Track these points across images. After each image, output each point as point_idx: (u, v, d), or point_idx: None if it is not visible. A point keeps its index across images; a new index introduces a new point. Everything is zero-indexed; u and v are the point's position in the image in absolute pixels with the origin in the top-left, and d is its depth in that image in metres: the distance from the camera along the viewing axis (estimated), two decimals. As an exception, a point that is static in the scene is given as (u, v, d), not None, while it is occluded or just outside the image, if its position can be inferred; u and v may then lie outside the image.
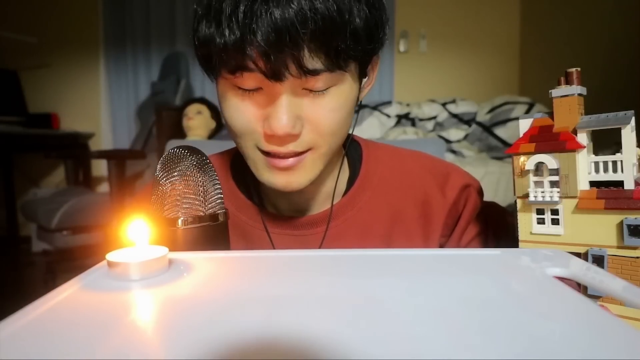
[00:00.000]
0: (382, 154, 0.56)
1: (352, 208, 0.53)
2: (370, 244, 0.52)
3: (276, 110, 0.40)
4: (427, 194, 0.54)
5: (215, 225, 0.38)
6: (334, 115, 0.42)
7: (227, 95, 0.43)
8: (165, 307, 0.22)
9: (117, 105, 3.13)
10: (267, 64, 0.37)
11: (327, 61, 0.39)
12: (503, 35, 3.02)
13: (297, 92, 0.41)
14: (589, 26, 2.26)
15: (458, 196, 0.53)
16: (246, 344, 0.17)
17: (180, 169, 0.38)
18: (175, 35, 3.05)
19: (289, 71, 0.38)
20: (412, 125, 2.64)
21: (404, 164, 0.56)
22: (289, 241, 0.52)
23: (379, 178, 0.54)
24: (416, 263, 0.30)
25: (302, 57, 0.37)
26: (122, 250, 0.27)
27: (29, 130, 2.76)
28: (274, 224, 0.52)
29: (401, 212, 0.53)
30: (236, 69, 0.39)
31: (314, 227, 0.52)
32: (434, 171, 0.55)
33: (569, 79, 0.38)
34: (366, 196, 0.53)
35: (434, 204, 0.53)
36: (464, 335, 0.18)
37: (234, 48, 0.37)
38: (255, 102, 0.41)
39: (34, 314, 0.21)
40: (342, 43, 0.38)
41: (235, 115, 0.43)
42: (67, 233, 2.30)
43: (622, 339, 0.17)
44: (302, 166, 0.44)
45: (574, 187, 0.37)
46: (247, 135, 0.43)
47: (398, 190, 0.54)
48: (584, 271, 0.27)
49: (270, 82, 0.39)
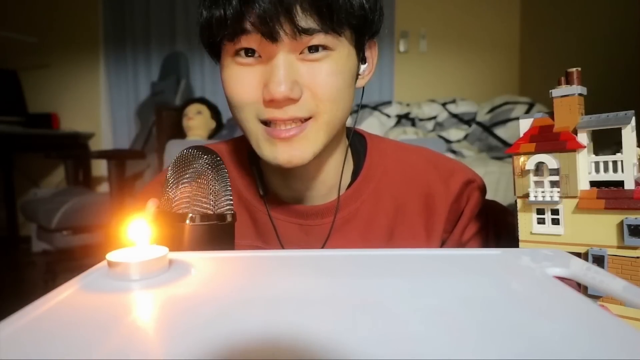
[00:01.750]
0: (387, 147, 0.57)
1: (356, 200, 0.53)
2: (373, 236, 0.52)
3: (274, 74, 0.42)
4: (430, 187, 0.54)
5: (223, 225, 0.39)
6: (331, 80, 0.43)
7: (229, 68, 0.45)
8: (165, 307, 0.22)
9: (117, 105, 3.13)
10: (263, 25, 0.40)
11: (320, 21, 0.41)
12: (503, 35, 3.02)
13: (294, 59, 0.43)
14: (589, 26, 2.26)
15: (461, 191, 0.54)
16: (247, 344, 0.17)
17: (194, 168, 0.39)
18: (175, 35, 3.05)
19: (284, 30, 0.40)
20: (412, 125, 2.64)
21: (408, 157, 0.56)
22: (293, 229, 0.52)
23: (383, 171, 0.55)
24: (417, 263, 0.30)
25: (295, 15, 0.40)
26: (122, 250, 0.27)
27: (29, 130, 2.76)
28: (279, 210, 0.53)
29: (404, 205, 0.54)
30: (235, 34, 0.42)
31: (320, 218, 0.52)
32: (438, 165, 0.55)
33: (569, 79, 0.38)
34: (370, 188, 0.53)
35: (437, 198, 0.53)
36: (464, 335, 0.18)
37: (234, 14, 0.40)
38: (254, 73, 0.43)
39: (34, 314, 0.21)
40: (336, 2, 0.41)
41: (236, 85, 0.44)
42: (67, 233, 2.30)
43: (622, 339, 0.17)
44: (304, 136, 0.44)
45: (574, 187, 0.37)
46: (248, 106, 0.44)
47: (402, 183, 0.54)
48: (584, 271, 0.27)
49: (266, 44, 0.41)
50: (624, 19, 1.99)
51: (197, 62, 3.00)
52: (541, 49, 2.77)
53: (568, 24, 2.44)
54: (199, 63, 3.01)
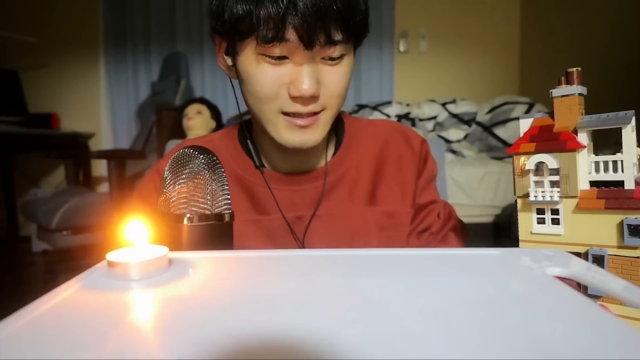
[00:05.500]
0: (360, 122, 0.67)
1: (341, 166, 0.62)
2: (357, 197, 0.61)
3: (302, 75, 0.48)
4: (399, 151, 0.64)
5: (221, 224, 0.38)
6: (344, 80, 0.52)
7: (258, 65, 0.50)
8: (165, 307, 0.22)
9: (117, 105, 3.13)
10: (303, 34, 0.46)
11: (345, 34, 0.49)
12: (503, 35, 3.02)
13: (317, 61, 0.50)
14: (589, 26, 2.26)
15: (420, 149, 0.64)
16: (246, 344, 0.17)
17: (190, 168, 0.39)
18: (175, 35, 3.05)
19: (319, 40, 0.47)
20: (412, 125, 2.64)
21: (379, 128, 0.66)
22: (288, 195, 0.60)
23: (358, 141, 0.64)
24: (416, 263, 0.30)
25: (330, 29, 0.47)
26: (122, 250, 0.27)
27: (29, 130, 2.76)
28: (274, 181, 0.60)
29: (381, 169, 0.63)
30: (273, 39, 0.46)
31: (311, 182, 0.61)
32: (402, 132, 0.66)
33: (569, 79, 0.38)
34: (351, 156, 0.63)
35: (405, 159, 0.63)
36: (464, 335, 0.18)
37: (278, 19, 0.45)
38: (282, 71, 0.49)
39: (34, 314, 0.21)
40: (355, 20, 0.49)
41: (264, 80, 0.50)
42: (67, 233, 2.30)
43: (622, 339, 0.17)
44: (317, 125, 0.53)
45: (574, 186, 0.37)
46: (273, 100, 0.50)
47: (377, 150, 0.64)
48: (584, 271, 0.27)
49: (299, 50, 0.47)
50: (624, 19, 1.99)
51: (197, 62, 3.00)
52: (541, 49, 2.77)
53: (568, 24, 2.44)
54: (199, 63, 3.01)
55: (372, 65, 3.03)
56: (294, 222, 0.59)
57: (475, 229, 1.98)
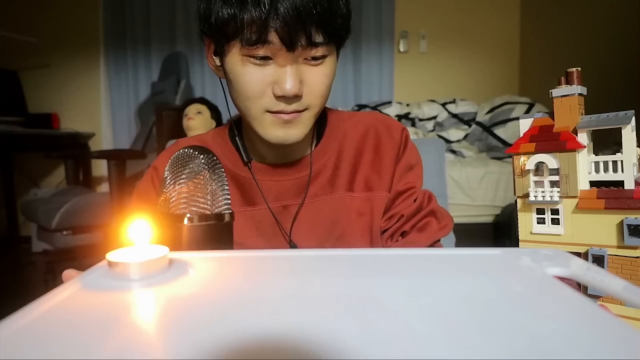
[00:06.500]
0: (342, 114, 0.70)
1: (323, 156, 0.65)
2: (339, 185, 0.63)
3: (286, 75, 0.51)
4: (379, 138, 0.65)
5: (221, 224, 0.38)
6: (326, 81, 0.55)
7: (243, 66, 0.52)
8: (165, 307, 0.22)
9: (117, 105, 3.13)
10: (285, 37, 0.48)
11: (326, 36, 0.51)
12: (503, 35, 3.02)
13: (300, 62, 0.52)
14: (589, 26, 2.26)
15: (400, 137, 0.66)
16: (246, 344, 0.17)
17: (190, 168, 0.39)
18: (175, 36, 3.05)
19: (300, 42, 0.49)
20: (412, 125, 2.64)
21: (360, 119, 0.68)
22: (274, 186, 0.63)
23: (342, 132, 0.66)
24: (416, 262, 0.30)
25: (311, 32, 0.49)
26: (122, 250, 0.27)
27: (29, 130, 2.76)
28: (263, 173, 0.64)
29: (360, 157, 0.65)
30: (257, 41, 0.49)
31: (297, 173, 0.63)
32: (383, 121, 0.68)
33: (569, 79, 0.38)
34: (333, 147, 0.65)
35: (385, 147, 0.65)
36: (464, 335, 0.18)
37: (260, 23, 0.48)
38: (266, 72, 0.52)
39: (34, 314, 0.21)
40: (336, 23, 0.51)
41: (250, 80, 0.52)
42: (67, 233, 2.30)
43: (622, 339, 0.17)
44: (299, 122, 0.55)
45: (574, 186, 0.37)
46: (258, 99, 0.53)
47: (358, 140, 0.66)
48: (584, 271, 0.27)
49: (282, 52, 0.49)
50: (624, 19, 1.99)
51: (197, 62, 3.00)
52: (541, 49, 2.77)
53: (568, 24, 2.44)
54: (199, 63, 3.01)
55: (372, 66, 3.03)
56: (281, 212, 0.62)
57: (475, 229, 1.98)
